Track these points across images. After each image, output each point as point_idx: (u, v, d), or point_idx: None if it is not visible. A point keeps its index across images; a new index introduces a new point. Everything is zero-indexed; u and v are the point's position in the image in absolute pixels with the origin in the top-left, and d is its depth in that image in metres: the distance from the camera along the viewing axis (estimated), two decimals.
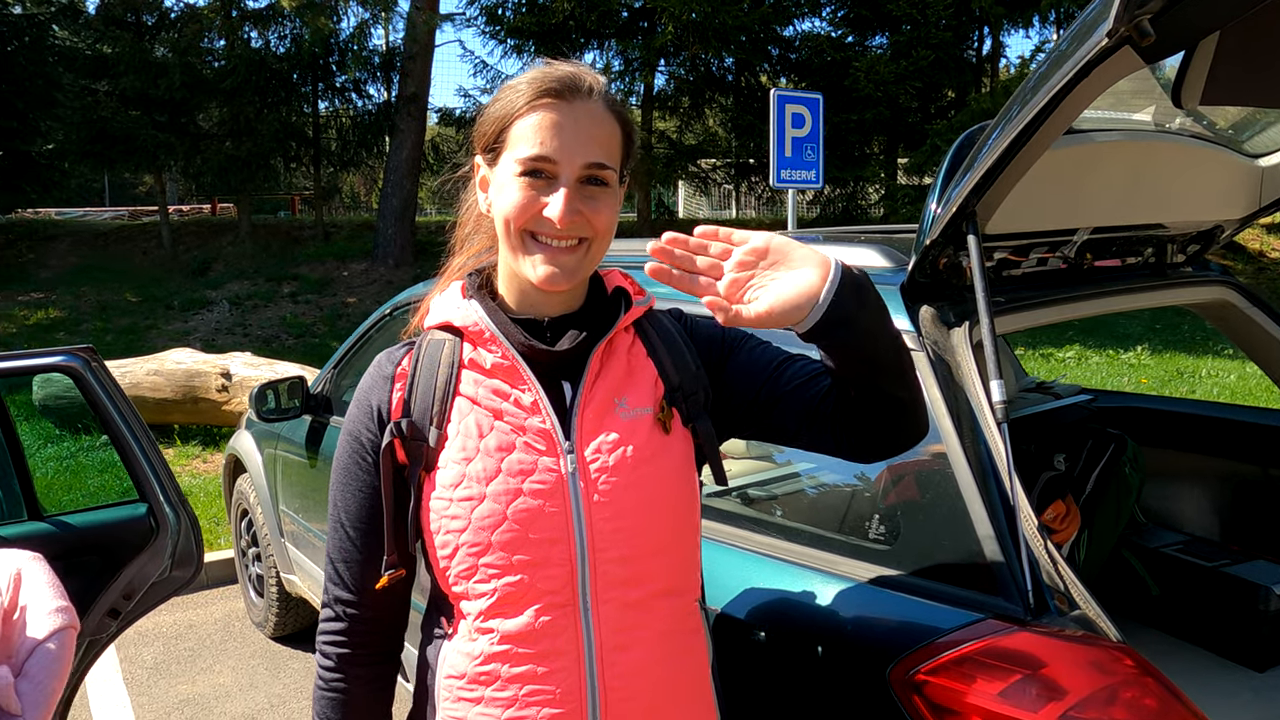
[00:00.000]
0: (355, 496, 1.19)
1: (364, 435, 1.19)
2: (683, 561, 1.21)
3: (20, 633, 0.66)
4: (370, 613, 1.21)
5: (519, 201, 1.11)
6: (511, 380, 1.16)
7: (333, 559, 1.22)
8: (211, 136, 16.02)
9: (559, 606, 1.12)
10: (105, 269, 15.22)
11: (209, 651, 4.17)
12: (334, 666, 1.21)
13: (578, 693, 1.13)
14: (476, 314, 1.18)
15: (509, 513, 1.11)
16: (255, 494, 4.14)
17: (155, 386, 7.09)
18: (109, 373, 2.14)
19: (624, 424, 1.17)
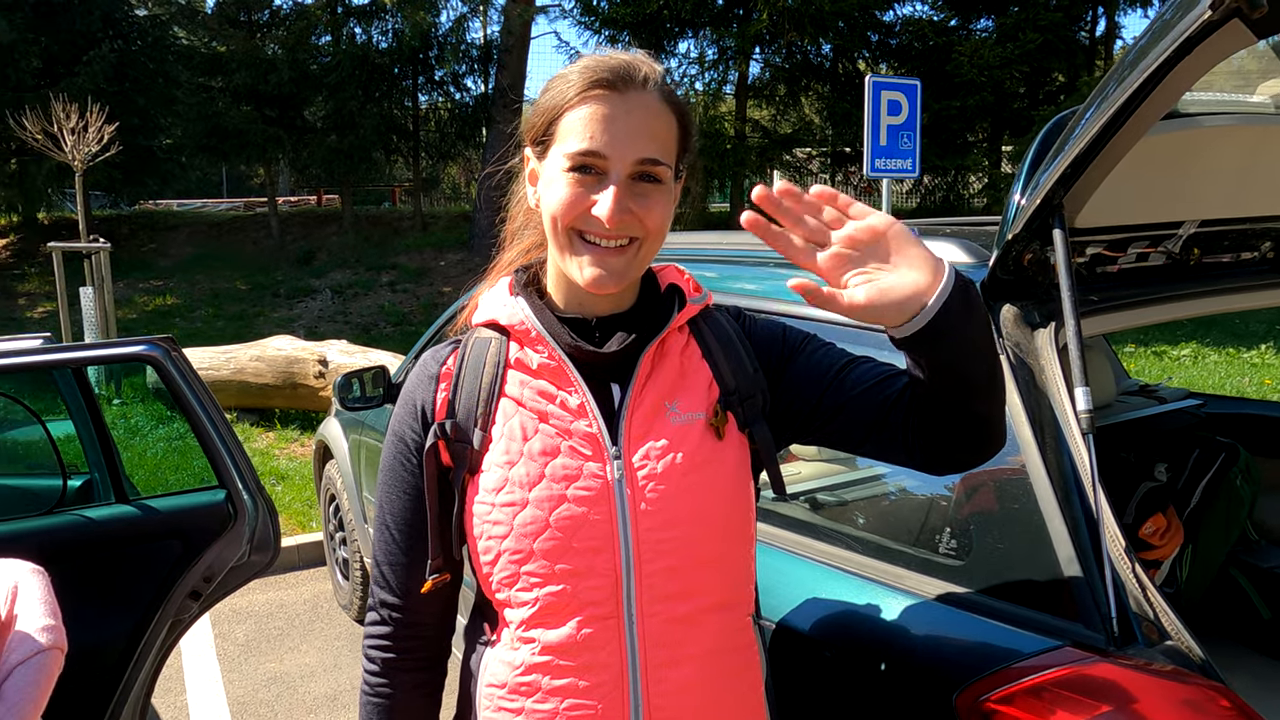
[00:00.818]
0: (400, 498, 1.16)
1: (408, 435, 1.16)
2: (735, 574, 1.15)
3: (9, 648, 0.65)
4: (415, 617, 1.18)
5: (566, 199, 1.05)
6: (558, 382, 1.11)
7: (378, 561, 1.19)
8: (317, 130, 16.56)
9: (602, 619, 1.07)
10: (219, 258, 15.93)
11: (297, 631, 4.29)
12: (379, 672, 1.19)
13: (620, 709, 1.08)
14: (523, 312, 1.13)
15: (551, 520, 1.06)
16: (342, 480, 4.23)
17: (258, 372, 7.36)
18: (188, 362, 2.20)
19: (674, 429, 1.11)
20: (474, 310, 1.21)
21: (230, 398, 7.35)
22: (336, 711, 3.55)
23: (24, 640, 0.67)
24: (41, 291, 14.82)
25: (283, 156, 16.71)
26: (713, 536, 1.10)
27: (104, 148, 8.86)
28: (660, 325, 1.15)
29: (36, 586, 0.71)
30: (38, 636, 0.67)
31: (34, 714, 0.65)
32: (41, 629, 0.68)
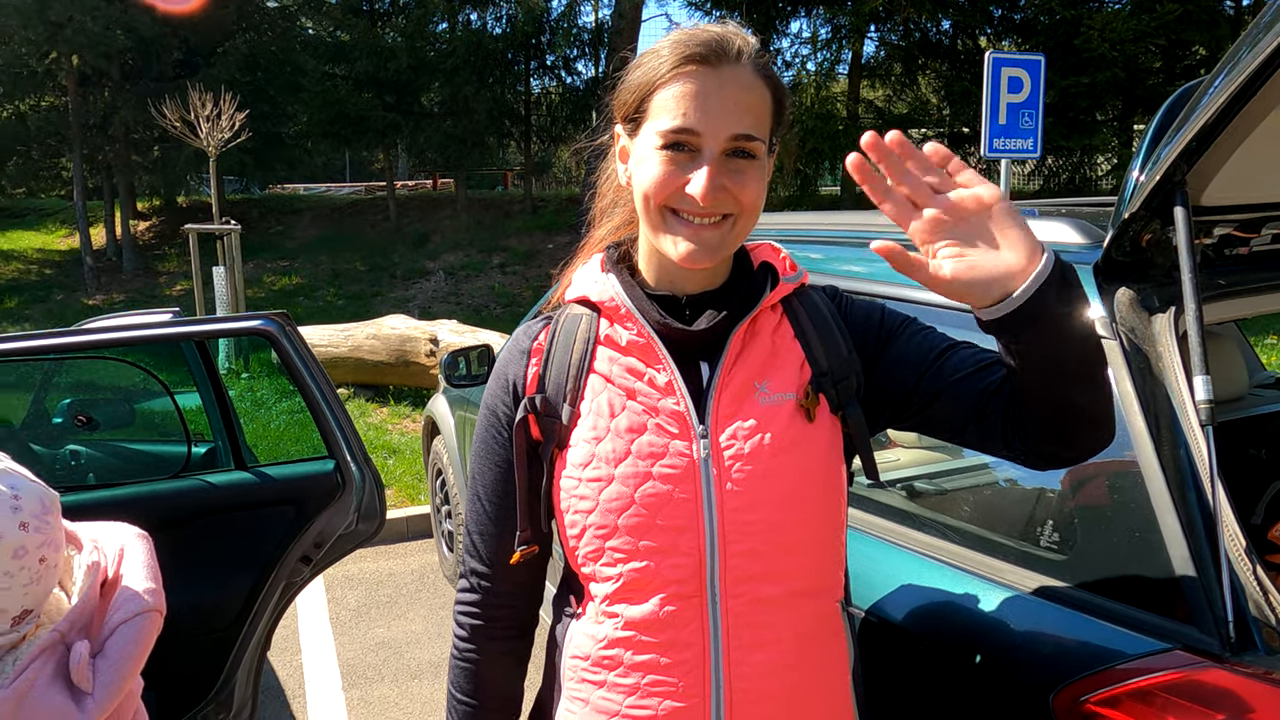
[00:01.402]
0: (491, 470, 1.18)
1: (500, 409, 1.17)
2: (823, 560, 1.12)
3: (113, 606, 0.69)
4: (504, 586, 1.20)
5: (659, 177, 1.04)
6: (646, 359, 1.11)
7: (470, 531, 1.22)
8: (433, 115, 17.02)
9: (685, 597, 1.07)
10: (340, 240, 16.59)
11: (405, 599, 4.45)
12: (468, 638, 1.22)
13: (701, 688, 1.07)
14: (613, 289, 1.13)
15: (636, 496, 1.06)
16: (447, 455, 4.36)
17: (373, 350, 7.64)
18: (302, 337, 2.30)
19: (763, 409, 1.09)
20: (567, 287, 1.22)
21: (347, 374, 7.66)
22: (440, 678, 3.67)
23: (128, 600, 0.72)
24: (180, 270, 15.76)
25: (400, 141, 17.25)
26: (800, 520, 1.08)
27: (235, 134, 9.33)
28: (752, 304, 1.13)
29: (141, 551, 0.76)
30: (141, 598, 0.72)
31: (133, 670, 0.69)
32: (145, 591, 0.72)
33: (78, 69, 15.82)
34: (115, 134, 16.09)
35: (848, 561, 1.20)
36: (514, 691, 1.24)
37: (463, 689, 1.21)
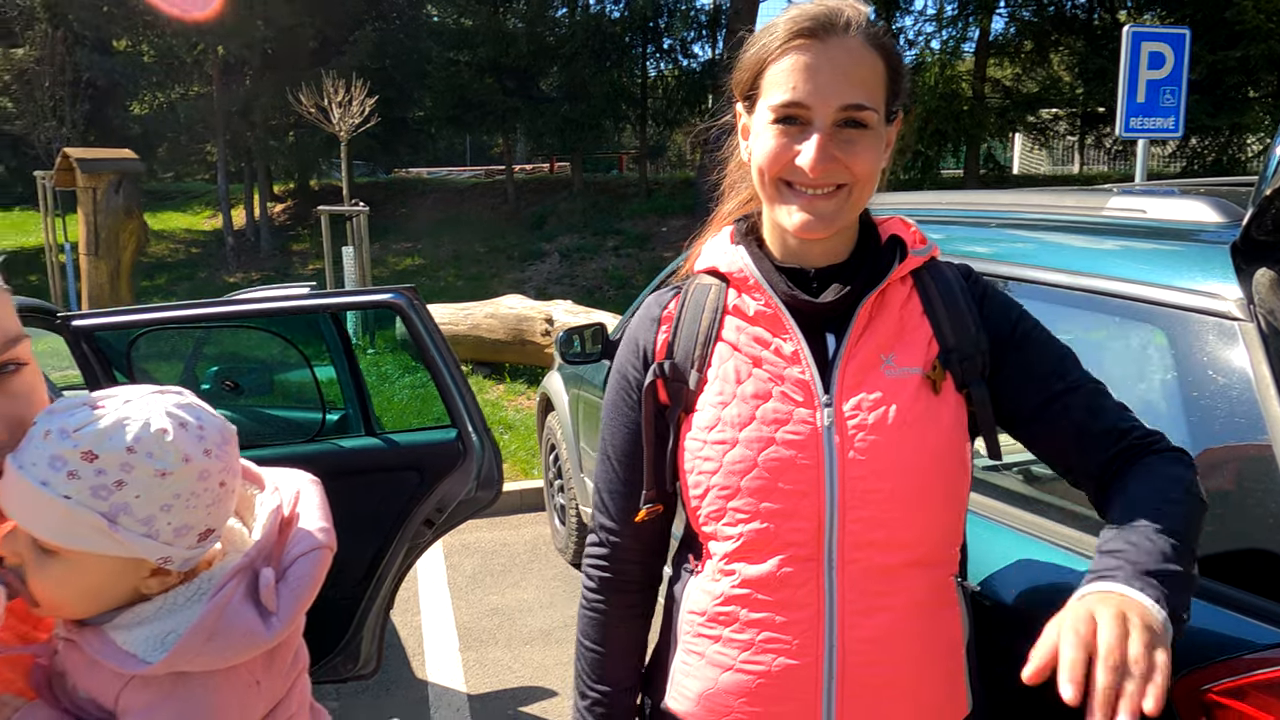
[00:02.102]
0: (620, 431, 1.24)
1: (630, 373, 1.22)
2: (941, 532, 1.13)
3: (291, 541, 0.78)
4: (631, 542, 1.25)
5: (771, 150, 1.07)
6: (773, 329, 1.14)
7: (599, 489, 1.27)
8: (552, 99, 17.28)
9: (802, 560, 1.09)
10: (461, 222, 17.08)
11: (518, 569, 4.60)
12: (596, 589, 1.27)
13: (815, 648, 1.10)
14: (742, 260, 1.17)
15: (760, 460, 1.09)
16: (561, 431, 4.47)
17: (491, 328, 7.87)
18: (428, 311, 2.41)
19: (889, 382, 1.10)
20: (696, 257, 1.26)
21: (466, 351, 7.92)
22: (550, 646, 3.79)
23: (305, 536, 0.80)
24: (311, 250, 16.55)
25: (520, 125, 17.59)
26: (920, 492, 1.09)
27: (365, 119, 9.72)
28: (880, 277, 1.14)
29: (315, 494, 0.85)
30: (316, 535, 0.80)
31: (309, 599, 0.78)
32: (319, 530, 0.81)
33: (222, 59, 16.73)
34: (255, 120, 16.98)
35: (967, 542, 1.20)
36: (638, 641, 1.28)
37: (591, 638, 1.27)
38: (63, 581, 0.74)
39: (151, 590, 0.78)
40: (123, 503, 0.72)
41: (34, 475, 0.72)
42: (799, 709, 1.11)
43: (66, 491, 0.71)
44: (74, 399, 0.76)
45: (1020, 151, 20.12)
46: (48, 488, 0.71)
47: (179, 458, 0.75)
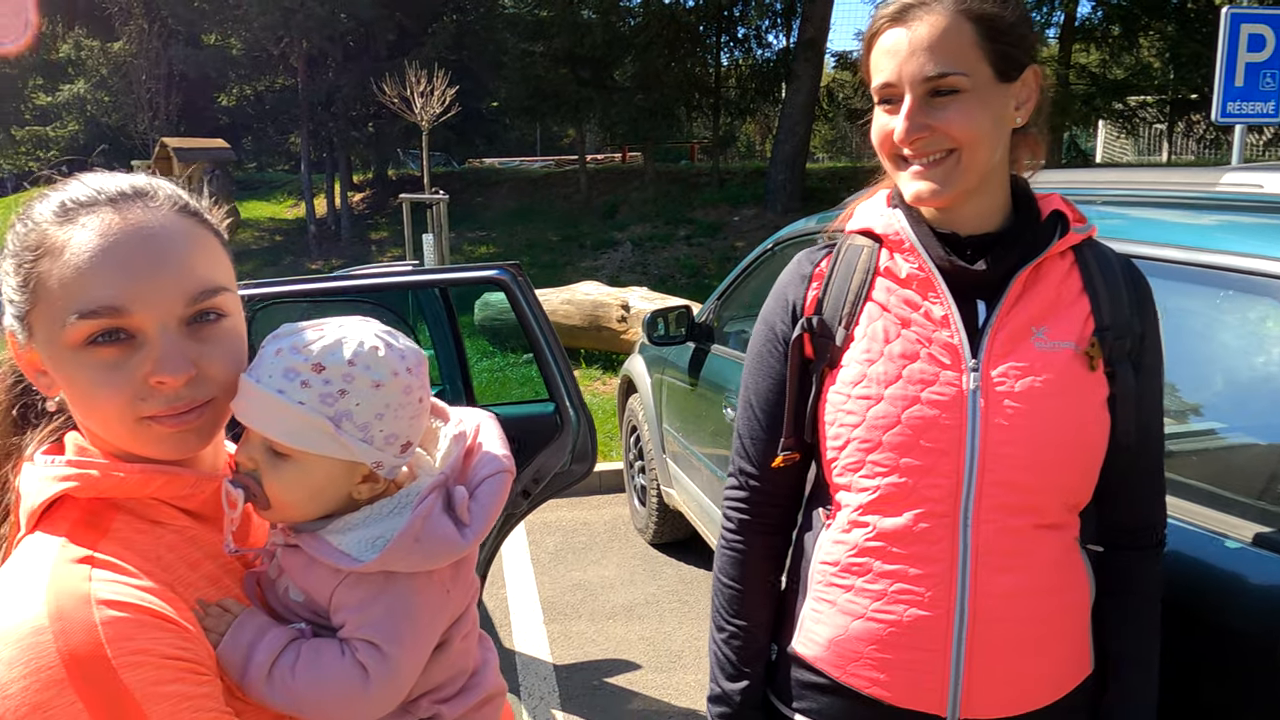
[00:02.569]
0: (764, 381, 1.29)
1: (778, 325, 1.28)
2: (1074, 499, 1.17)
3: (476, 466, 0.86)
4: (769, 486, 1.31)
5: (877, 130, 1.16)
6: (924, 292, 1.17)
7: (740, 434, 1.33)
8: (624, 89, 17.34)
9: (938, 516, 1.14)
10: (534, 211, 17.28)
11: (598, 547, 4.70)
12: (735, 530, 1.33)
13: (946, 601, 1.14)
14: (899, 223, 1.20)
15: (903, 417, 1.14)
16: (643, 413, 4.55)
17: (567, 314, 7.99)
18: (531, 286, 2.50)
19: (1038, 354, 1.14)
20: (848, 217, 1.30)
21: None
22: (633, 621, 3.88)
23: (489, 461, 0.88)
24: (389, 239, 16.93)
25: (593, 115, 17.69)
26: (1059, 463, 1.13)
27: (446, 109, 9.92)
28: (1038, 249, 1.17)
29: (493, 426, 0.93)
30: (500, 460, 0.88)
31: (495, 515, 0.86)
32: (501, 456, 0.89)
33: (306, 51, 17.20)
34: (337, 111, 17.42)
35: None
36: (774, 581, 1.34)
37: (730, 574, 1.33)
38: (292, 483, 0.84)
39: (362, 496, 0.87)
40: (345, 410, 0.82)
41: (270, 385, 0.81)
42: (928, 658, 1.15)
43: (300, 398, 0.81)
44: (293, 325, 0.86)
45: (1104, 140, 19.52)
46: (284, 395, 0.81)
47: (389, 371, 0.84)
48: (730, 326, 3.82)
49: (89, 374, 0.76)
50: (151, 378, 0.77)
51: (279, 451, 0.83)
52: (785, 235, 3.44)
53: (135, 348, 0.77)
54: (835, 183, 15.78)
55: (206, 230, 0.84)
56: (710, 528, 3.62)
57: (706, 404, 3.57)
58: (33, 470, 0.81)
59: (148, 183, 0.82)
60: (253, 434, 0.84)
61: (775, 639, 1.33)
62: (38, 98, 19.66)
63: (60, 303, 0.76)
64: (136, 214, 0.78)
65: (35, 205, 0.80)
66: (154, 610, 0.73)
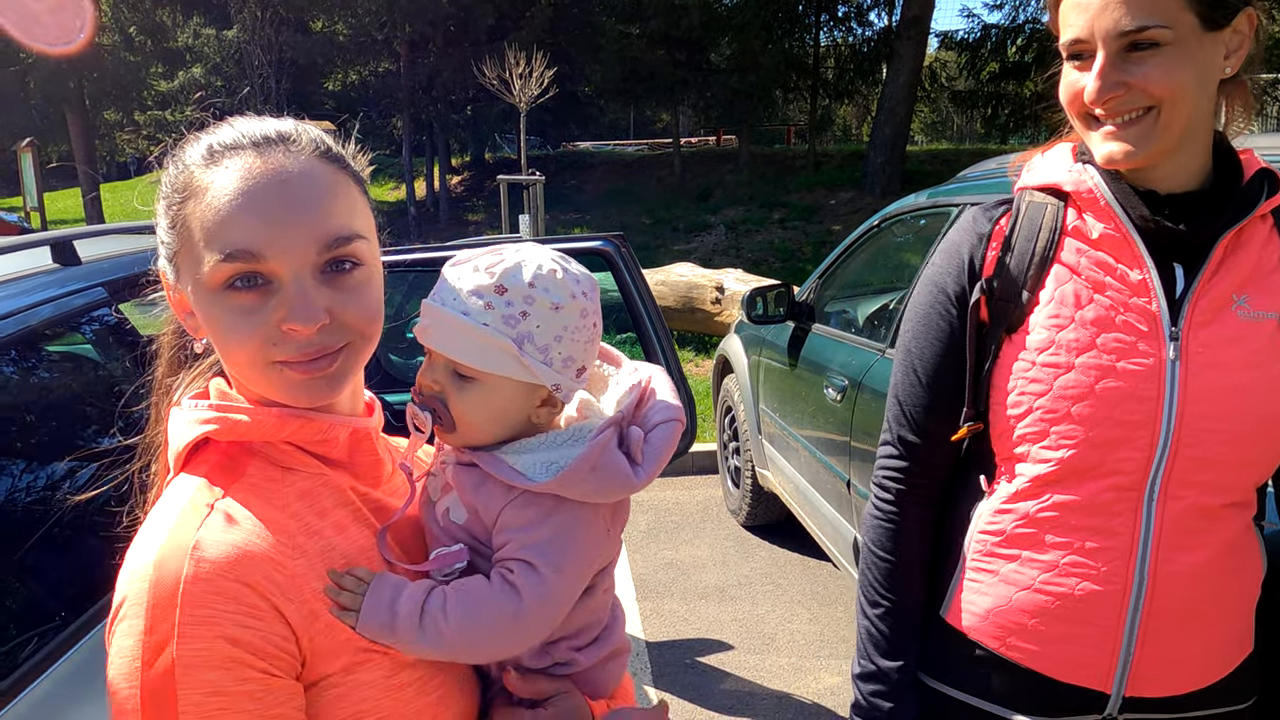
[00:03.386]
0: (932, 345, 1.22)
1: (950, 286, 1.21)
2: (1261, 477, 1.12)
3: (649, 411, 0.87)
4: (930, 456, 1.25)
5: (1066, 88, 1.08)
6: (1119, 255, 1.10)
7: (900, 400, 1.27)
8: (720, 71, 17.21)
9: (1123, 489, 1.08)
10: (627, 194, 17.32)
11: (690, 527, 4.68)
12: (891, 500, 1.28)
13: (1123, 577, 1.09)
14: (1093, 180, 1.11)
15: (1096, 388, 1.07)
16: (739, 393, 4.50)
17: (661, 295, 7.96)
18: (635, 258, 2.48)
19: (1241, 324, 1.07)
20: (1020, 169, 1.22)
21: None
22: (725, 602, 3.85)
23: (663, 408, 0.89)
24: (486, 220, 17.21)
25: (688, 98, 17.62)
26: (1260, 439, 1.07)
27: (544, 91, 9.99)
28: (1243, 212, 1.08)
29: (664, 378, 0.93)
30: (671, 409, 0.89)
31: (665, 459, 0.87)
32: (672, 406, 0.89)
33: (409, 36, 17.57)
34: (437, 95, 17.77)
35: None
36: (927, 553, 1.28)
37: (884, 546, 1.27)
38: (477, 404, 0.85)
39: (540, 420, 0.88)
40: (527, 331, 0.83)
41: (455, 307, 0.83)
42: (1098, 634, 1.11)
43: (485, 320, 0.82)
44: (470, 252, 0.87)
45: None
46: (469, 317, 0.82)
47: (567, 294, 0.84)
48: (832, 305, 3.74)
49: (226, 317, 0.77)
50: (283, 324, 0.77)
51: (464, 374, 0.84)
52: (893, 211, 3.34)
53: (271, 293, 0.77)
54: (937, 165, 15.34)
55: (347, 177, 0.83)
56: (806, 510, 3.56)
57: (806, 385, 3.50)
58: (179, 414, 0.83)
59: (293, 128, 0.82)
60: (436, 357, 0.85)
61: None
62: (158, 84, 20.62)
63: (201, 245, 0.77)
64: (278, 159, 0.78)
65: (186, 148, 0.81)
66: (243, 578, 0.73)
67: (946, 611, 1.22)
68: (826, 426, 3.19)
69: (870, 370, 2.89)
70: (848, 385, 3.01)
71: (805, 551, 4.29)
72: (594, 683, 0.93)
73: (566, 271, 0.86)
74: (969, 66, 16.45)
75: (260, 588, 0.73)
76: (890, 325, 2.95)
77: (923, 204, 3.06)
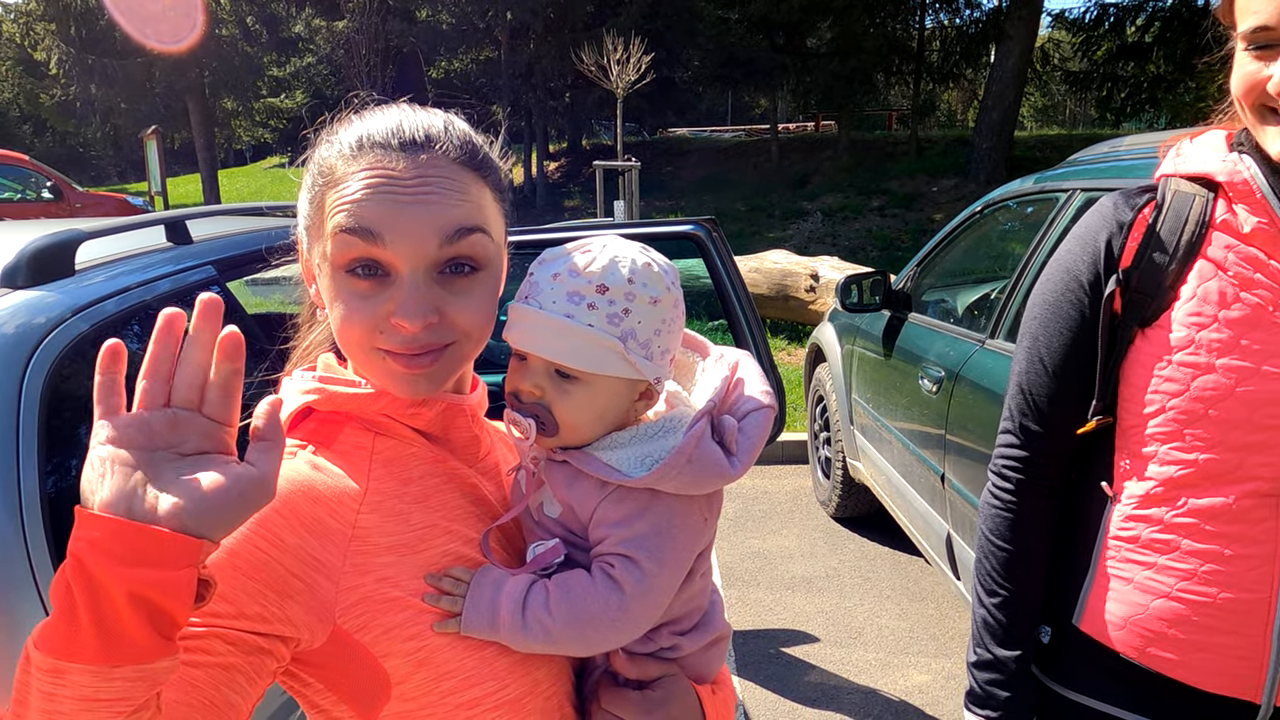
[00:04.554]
0: (1061, 333, 1.19)
1: (1084, 274, 1.16)
2: None
3: (739, 400, 0.86)
4: (1053, 447, 1.21)
5: (1242, 77, 1.01)
6: (1272, 250, 1.04)
7: (1024, 389, 1.23)
8: (820, 55, 16.91)
9: (1264, 495, 1.03)
10: (723, 181, 17.21)
11: (778, 517, 4.64)
12: (1011, 490, 1.24)
13: (1266, 586, 1.04)
14: (1249, 170, 1.05)
15: (1237, 391, 1.02)
16: (831, 382, 4.42)
17: (754, 283, 7.89)
18: (726, 243, 2.45)
19: None
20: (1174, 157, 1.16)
21: None
22: (813, 594, 3.80)
23: (753, 396, 0.89)
24: (582, 206, 17.34)
25: (786, 83, 17.38)
26: None
27: (641, 76, 9.99)
28: None
29: (752, 364, 0.92)
30: (762, 396, 0.88)
31: (759, 448, 0.86)
32: (763, 392, 0.88)
33: (510, 23, 17.81)
34: (536, 82, 17.97)
35: None
36: (1046, 546, 1.24)
37: (1002, 536, 1.24)
38: (581, 405, 0.84)
39: (639, 414, 0.88)
40: (630, 328, 0.82)
41: (557, 311, 0.82)
42: (1241, 643, 1.06)
43: (589, 320, 0.81)
44: (558, 249, 0.86)
45: None
46: (573, 320, 0.81)
47: (663, 287, 0.85)
48: (930, 294, 3.63)
49: (343, 297, 0.80)
50: (392, 317, 0.79)
51: (568, 375, 0.84)
52: (998, 197, 3.22)
53: (387, 285, 0.79)
54: (1046, 151, 14.76)
55: (482, 184, 0.84)
56: (898, 503, 3.48)
57: (901, 375, 3.42)
58: (288, 384, 0.87)
59: (441, 129, 0.83)
60: (535, 362, 0.84)
61: (1047, 615, 1.25)
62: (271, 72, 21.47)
63: (330, 226, 0.80)
64: (417, 162, 0.80)
65: (341, 130, 0.84)
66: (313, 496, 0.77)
67: (1080, 619, 1.18)
68: (921, 418, 3.11)
69: (969, 361, 2.80)
70: (944, 376, 2.92)
71: (896, 545, 4.20)
72: (697, 667, 0.93)
73: (657, 264, 0.85)
74: (1084, 47, 15.74)
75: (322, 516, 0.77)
76: (992, 315, 2.84)
77: (1029, 189, 2.94)
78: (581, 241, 0.86)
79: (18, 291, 1.40)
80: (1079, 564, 1.18)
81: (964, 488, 2.70)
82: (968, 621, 3.62)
